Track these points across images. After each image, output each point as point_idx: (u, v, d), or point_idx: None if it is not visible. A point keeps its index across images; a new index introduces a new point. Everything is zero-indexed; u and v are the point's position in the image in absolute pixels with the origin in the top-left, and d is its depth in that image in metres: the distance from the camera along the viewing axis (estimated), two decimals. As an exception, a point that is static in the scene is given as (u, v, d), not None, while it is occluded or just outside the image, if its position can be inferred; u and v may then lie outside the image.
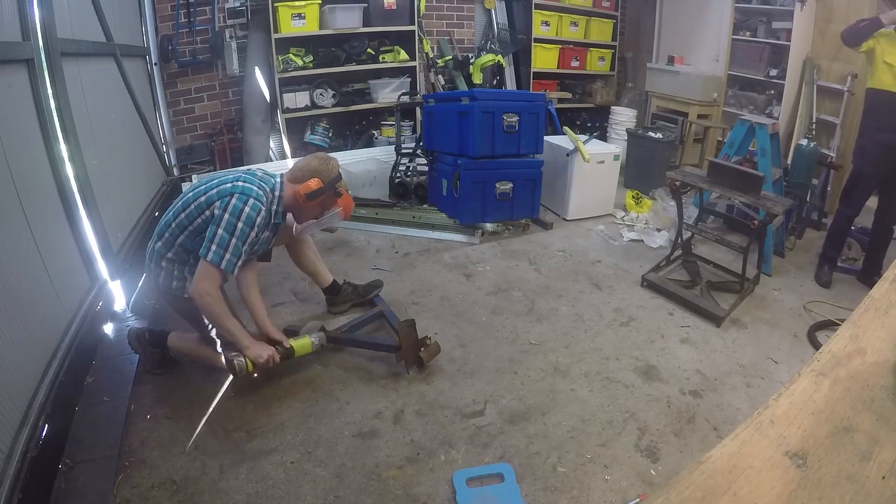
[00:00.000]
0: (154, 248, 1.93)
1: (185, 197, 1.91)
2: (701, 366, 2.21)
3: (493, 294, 2.76)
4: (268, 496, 1.56)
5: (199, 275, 1.80)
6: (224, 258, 1.77)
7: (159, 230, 1.92)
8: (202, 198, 1.84)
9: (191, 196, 1.87)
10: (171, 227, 1.88)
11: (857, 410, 0.84)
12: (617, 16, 5.62)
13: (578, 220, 3.81)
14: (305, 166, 1.97)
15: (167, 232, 1.89)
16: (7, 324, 1.51)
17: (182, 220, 1.86)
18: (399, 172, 3.90)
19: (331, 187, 1.96)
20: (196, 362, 2.08)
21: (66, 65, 2.20)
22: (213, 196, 1.82)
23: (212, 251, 1.76)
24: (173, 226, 1.88)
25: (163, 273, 1.92)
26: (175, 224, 1.87)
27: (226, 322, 1.83)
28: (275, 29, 4.02)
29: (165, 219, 1.92)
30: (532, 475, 1.65)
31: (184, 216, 1.86)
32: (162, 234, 1.91)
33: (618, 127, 5.15)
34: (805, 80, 4.12)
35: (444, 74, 4.83)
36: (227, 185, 1.84)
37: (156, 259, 1.92)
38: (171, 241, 1.89)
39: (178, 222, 1.87)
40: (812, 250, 3.41)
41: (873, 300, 1.11)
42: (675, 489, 0.72)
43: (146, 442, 1.74)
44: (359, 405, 1.94)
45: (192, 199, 1.86)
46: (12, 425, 1.45)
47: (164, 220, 1.92)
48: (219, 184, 1.86)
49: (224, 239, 1.77)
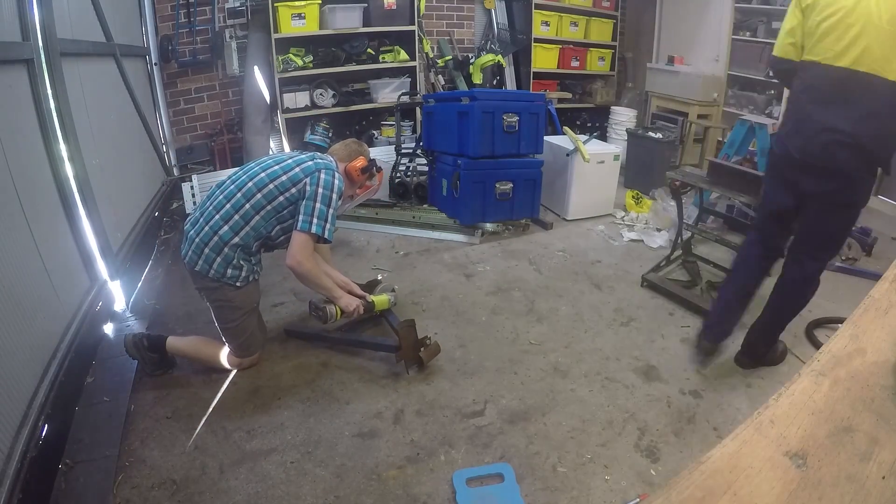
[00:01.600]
0: (218, 234, 1.88)
1: (252, 178, 1.93)
2: (701, 366, 2.21)
3: (493, 294, 2.76)
4: (268, 496, 1.56)
5: (298, 247, 1.91)
6: (326, 228, 1.92)
7: (224, 215, 1.90)
8: (282, 177, 1.92)
9: (264, 177, 1.92)
10: (242, 209, 1.89)
11: (857, 410, 0.84)
12: (617, 16, 5.62)
13: (578, 220, 3.81)
14: (349, 148, 2.20)
15: (237, 214, 1.89)
16: (7, 324, 1.51)
17: (259, 200, 1.90)
18: (399, 172, 3.90)
19: (374, 163, 2.22)
20: (195, 363, 2.08)
21: (66, 65, 2.21)
22: (299, 174, 1.93)
23: (314, 224, 1.89)
24: (247, 207, 1.89)
25: (219, 259, 1.89)
26: (249, 205, 1.89)
27: (324, 281, 2.05)
28: (275, 29, 4.02)
29: (227, 204, 1.91)
30: (532, 475, 1.65)
31: (260, 196, 1.90)
32: (229, 218, 1.89)
33: (618, 127, 5.15)
34: (805, 80, 4.12)
35: (444, 74, 4.83)
36: (307, 162, 1.97)
37: (218, 246, 1.88)
38: (241, 224, 1.90)
39: (252, 203, 1.90)
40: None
41: (873, 300, 1.11)
42: (675, 489, 0.72)
43: (146, 442, 1.74)
44: (359, 405, 1.94)
45: (267, 180, 1.92)
46: (12, 425, 1.45)
47: (226, 206, 1.90)
48: (297, 163, 1.97)
49: (323, 212, 1.91)
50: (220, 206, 1.92)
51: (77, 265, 2.17)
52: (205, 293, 1.98)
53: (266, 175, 1.93)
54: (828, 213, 1.92)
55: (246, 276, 1.95)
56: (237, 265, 1.93)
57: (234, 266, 1.92)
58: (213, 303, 1.99)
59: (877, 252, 3.41)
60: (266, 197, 1.90)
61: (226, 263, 1.90)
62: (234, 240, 1.90)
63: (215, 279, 1.91)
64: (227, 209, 1.91)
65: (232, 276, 1.92)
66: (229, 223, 1.90)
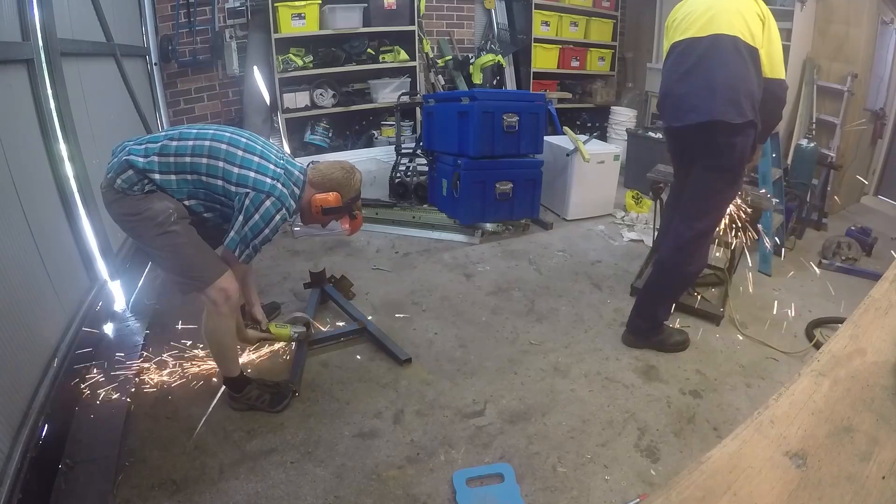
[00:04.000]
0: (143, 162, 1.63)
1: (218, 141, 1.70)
2: (701, 366, 2.21)
3: (493, 294, 2.76)
4: (268, 496, 1.56)
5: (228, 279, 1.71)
6: (244, 253, 1.70)
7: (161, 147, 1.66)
8: (234, 169, 1.67)
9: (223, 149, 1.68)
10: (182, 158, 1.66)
11: (857, 410, 0.84)
12: (617, 16, 5.62)
13: (578, 220, 3.81)
14: (329, 175, 1.85)
15: (173, 157, 1.66)
16: (7, 323, 1.51)
17: (200, 164, 1.66)
18: (399, 172, 3.91)
19: (348, 208, 1.88)
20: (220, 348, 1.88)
21: (66, 65, 2.20)
22: (249, 179, 1.67)
23: (238, 247, 1.69)
24: (187, 160, 1.66)
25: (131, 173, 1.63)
26: (190, 161, 1.66)
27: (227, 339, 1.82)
28: (275, 29, 4.02)
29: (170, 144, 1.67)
30: (532, 475, 1.65)
31: (204, 163, 1.66)
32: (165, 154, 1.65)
33: (618, 127, 5.15)
34: (805, 80, 4.12)
35: (444, 74, 4.83)
36: (267, 178, 1.69)
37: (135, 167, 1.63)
38: (170, 168, 1.66)
39: (193, 163, 1.66)
40: (812, 250, 3.41)
41: (873, 300, 1.11)
42: (675, 489, 0.72)
43: (146, 442, 1.74)
44: (359, 405, 1.94)
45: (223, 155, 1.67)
46: (12, 425, 1.45)
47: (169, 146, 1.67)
48: (260, 169, 1.69)
49: (247, 237, 1.68)
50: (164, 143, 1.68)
51: (77, 265, 2.17)
52: (116, 219, 1.73)
53: (226, 150, 1.69)
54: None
55: (151, 189, 1.66)
56: (148, 186, 1.65)
57: (143, 185, 1.65)
58: (129, 231, 1.74)
59: (877, 252, 3.41)
60: (208, 168, 1.67)
61: (136, 179, 1.64)
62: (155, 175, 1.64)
63: (119, 190, 1.64)
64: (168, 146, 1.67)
65: (138, 189, 1.65)
66: (161, 158, 1.65)
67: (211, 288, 1.69)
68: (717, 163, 2.00)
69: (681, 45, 2.03)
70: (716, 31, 1.94)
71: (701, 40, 1.96)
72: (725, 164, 1.99)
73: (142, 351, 2.14)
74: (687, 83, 1.99)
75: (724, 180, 2.03)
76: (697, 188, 2.09)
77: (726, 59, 1.91)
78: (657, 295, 2.25)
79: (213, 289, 1.69)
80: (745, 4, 1.97)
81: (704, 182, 2.06)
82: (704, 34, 1.96)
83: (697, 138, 2.00)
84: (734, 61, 1.91)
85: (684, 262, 2.15)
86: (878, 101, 4.29)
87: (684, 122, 2.00)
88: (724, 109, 1.89)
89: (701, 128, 1.95)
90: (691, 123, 1.97)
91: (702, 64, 1.95)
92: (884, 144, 4.47)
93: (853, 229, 3.48)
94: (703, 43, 1.95)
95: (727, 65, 1.91)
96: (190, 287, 1.72)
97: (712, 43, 1.94)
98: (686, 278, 2.25)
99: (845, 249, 3.26)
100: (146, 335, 2.26)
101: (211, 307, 1.73)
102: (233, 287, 1.74)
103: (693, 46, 1.98)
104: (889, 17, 4.06)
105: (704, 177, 2.05)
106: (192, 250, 1.70)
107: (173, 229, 1.66)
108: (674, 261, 2.17)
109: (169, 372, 2.07)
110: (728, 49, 1.91)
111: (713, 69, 1.92)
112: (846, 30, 3.94)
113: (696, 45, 1.97)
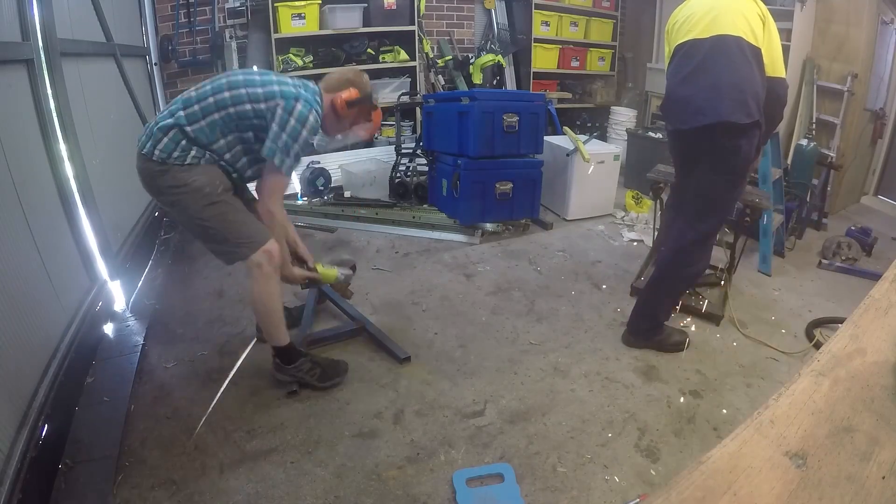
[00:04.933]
0: (173, 116, 1.69)
1: (230, 77, 1.77)
2: (701, 366, 2.21)
3: (493, 294, 2.76)
4: (268, 496, 1.56)
5: (269, 189, 1.78)
6: (286, 164, 1.73)
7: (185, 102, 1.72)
8: (258, 89, 1.72)
9: (241, 80, 1.75)
10: (204, 101, 1.71)
11: (857, 410, 0.84)
12: (617, 16, 5.62)
13: (578, 220, 3.81)
14: (341, 77, 1.91)
15: (197, 105, 1.71)
16: (7, 324, 1.51)
17: (224, 98, 1.71)
18: (399, 172, 3.91)
19: (368, 98, 1.93)
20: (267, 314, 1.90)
21: (66, 65, 2.20)
22: (276, 92, 1.72)
23: (277, 154, 1.71)
24: (210, 101, 1.71)
25: (165, 140, 1.68)
26: (213, 99, 1.71)
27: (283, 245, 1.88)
28: (275, 29, 4.02)
29: (193, 94, 1.74)
30: (532, 475, 1.65)
31: (228, 95, 1.71)
32: (188, 106, 1.71)
33: (618, 127, 5.15)
34: (805, 80, 4.12)
35: (444, 74, 4.83)
36: (289, 87, 1.75)
37: (165, 129, 1.68)
38: (198, 115, 1.71)
39: (217, 99, 1.71)
40: (812, 251, 3.41)
41: (873, 300, 1.11)
42: (675, 489, 0.72)
43: (146, 442, 1.74)
44: (359, 405, 1.94)
45: (242, 84, 1.73)
46: (12, 425, 1.45)
47: (192, 96, 1.74)
48: (280, 82, 1.76)
49: (288, 144, 1.71)
50: (185, 98, 1.74)
51: (77, 265, 2.17)
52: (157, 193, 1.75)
53: (244, 79, 1.76)
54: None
55: (197, 156, 1.72)
56: (185, 147, 1.70)
57: (182, 148, 1.69)
58: (171, 204, 1.74)
59: (877, 252, 3.41)
60: (234, 99, 1.71)
61: (173, 144, 1.68)
62: (188, 128, 1.69)
63: (160, 161, 1.68)
64: (189, 97, 1.73)
65: (179, 157, 1.69)
66: (187, 110, 1.70)
67: (257, 252, 1.75)
68: (723, 165, 1.98)
69: (684, 47, 2.01)
70: (719, 31, 1.92)
71: (704, 41, 1.95)
72: (730, 166, 1.97)
73: (142, 351, 2.15)
74: (691, 85, 1.97)
75: (728, 182, 2.02)
76: (701, 190, 2.07)
77: (731, 59, 1.90)
78: (659, 295, 2.24)
79: (258, 252, 1.75)
80: (745, 4, 1.96)
81: (709, 184, 2.04)
82: (707, 35, 1.94)
83: (703, 140, 1.98)
84: (739, 62, 1.89)
85: (687, 263, 2.14)
86: (878, 101, 4.30)
87: (691, 124, 1.97)
88: (731, 110, 1.87)
89: (707, 130, 1.93)
90: (697, 126, 1.94)
91: (706, 65, 1.93)
92: (884, 144, 4.48)
93: (853, 229, 3.48)
94: (707, 44, 1.94)
95: (732, 66, 1.89)
96: (237, 255, 1.77)
97: (716, 44, 1.92)
98: (688, 279, 2.24)
99: (845, 249, 3.26)
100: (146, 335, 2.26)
101: (257, 271, 1.78)
102: (275, 248, 1.79)
103: (696, 48, 1.97)
104: (889, 17, 4.06)
105: (709, 179, 2.03)
106: (240, 217, 1.77)
107: (221, 198, 1.74)
108: (676, 262, 2.16)
109: (169, 372, 2.07)
110: (732, 50, 1.90)
111: (718, 70, 1.90)
112: (846, 30, 3.95)
113: (700, 46, 1.96)
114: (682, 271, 2.16)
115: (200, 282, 2.83)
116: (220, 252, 1.80)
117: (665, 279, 2.21)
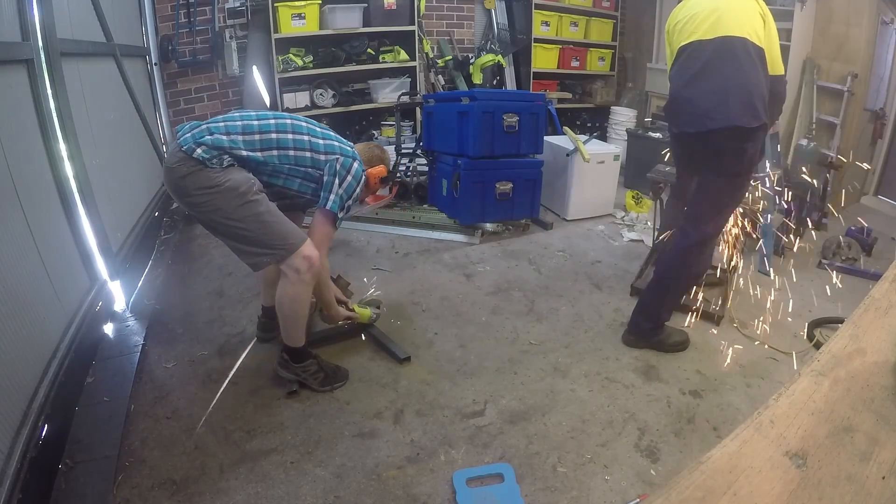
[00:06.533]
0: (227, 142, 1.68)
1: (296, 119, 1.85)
2: (701, 366, 2.21)
3: (493, 294, 2.76)
4: (268, 496, 1.56)
5: (320, 237, 1.83)
6: (339, 217, 1.84)
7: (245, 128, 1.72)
8: (320, 140, 1.84)
9: (304, 127, 1.84)
10: (267, 134, 1.74)
11: (857, 410, 0.84)
12: (617, 16, 5.62)
13: (578, 220, 3.81)
14: (372, 153, 2.10)
15: (259, 135, 1.73)
16: (6, 324, 1.51)
17: (286, 139, 1.77)
18: (399, 172, 3.90)
19: (392, 174, 2.19)
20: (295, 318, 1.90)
21: (66, 65, 2.20)
22: (335, 147, 1.86)
23: (333, 206, 1.80)
24: (273, 136, 1.75)
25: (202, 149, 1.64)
26: (276, 136, 1.75)
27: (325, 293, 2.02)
28: (275, 29, 4.02)
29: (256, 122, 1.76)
30: (532, 475, 1.65)
31: (291, 137, 1.78)
32: (248, 132, 1.72)
33: (618, 127, 5.15)
34: (805, 80, 4.12)
35: (444, 74, 4.84)
36: (346, 146, 1.90)
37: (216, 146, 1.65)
38: (256, 146, 1.72)
39: (279, 138, 1.76)
40: (812, 251, 3.41)
41: (873, 300, 1.11)
42: (675, 489, 0.72)
43: (146, 442, 1.74)
44: (359, 405, 1.94)
45: (306, 131, 1.83)
46: (12, 425, 1.45)
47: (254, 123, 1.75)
48: (338, 140, 1.90)
49: (343, 199, 1.82)
50: (245, 124, 1.74)
51: (77, 265, 2.17)
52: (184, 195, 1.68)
53: (307, 127, 1.85)
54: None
55: (232, 162, 1.70)
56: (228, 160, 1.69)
57: (223, 160, 1.67)
58: (202, 205, 1.66)
59: (877, 252, 3.40)
60: (296, 143, 1.78)
61: (216, 149, 1.66)
62: (242, 152, 1.70)
63: (199, 160, 1.63)
64: (251, 125, 1.74)
65: (217, 162, 1.65)
66: (245, 136, 1.71)
67: (295, 256, 1.73)
68: (727, 167, 1.96)
69: (688, 49, 1.98)
70: (724, 32, 1.89)
71: (709, 43, 1.92)
72: (735, 168, 1.95)
73: (142, 351, 2.15)
74: (697, 87, 1.94)
75: (732, 185, 2.01)
76: (705, 192, 2.06)
77: (738, 62, 1.87)
78: (660, 295, 2.24)
79: (297, 256, 1.73)
80: (747, 4, 1.94)
81: (712, 186, 2.03)
82: (712, 36, 1.91)
83: (708, 143, 1.95)
84: (746, 64, 1.87)
85: (689, 263, 2.14)
86: (878, 101, 4.29)
87: (697, 128, 1.94)
88: (740, 114, 1.84)
89: (713, 133, 1.90)
90: (704, 130, 1.91)
91: (712, 67, 1.90)
92: (884, 144, 4.47)
93: (853, 229, 3.47)
94: (712, 45, 1.91)
95: (740, 68, 1.87)
96: (272, 258, 1.73)
97: (722, 45, 1.90)
98: (690, 280, 2.24)
99: (845, 249, 3.25)
100: (146, 335, 2.26)
101: (294, 275, 1.75)
102: (315, 255, 1.77)
103: (700, 49, 1.94)
104: (889, 17, 4.06)
105: (713, 181, 2.02)
106: (275, 219, 1.73)
107: (256, 198, 1.69)
108: (678, 262, 2.16)
109: (169, 372, 2.07)
110: (739, 52, 1.87)
111: (726, 73, 1.87)
112: (846, 30, 3.94)
113: (704, 47, 1.93)
114: (685, 272, 2.16)
115: (200, 282, 2.83)
116: (251, 254, 1.73)
117: (667, 280, 2.21)
